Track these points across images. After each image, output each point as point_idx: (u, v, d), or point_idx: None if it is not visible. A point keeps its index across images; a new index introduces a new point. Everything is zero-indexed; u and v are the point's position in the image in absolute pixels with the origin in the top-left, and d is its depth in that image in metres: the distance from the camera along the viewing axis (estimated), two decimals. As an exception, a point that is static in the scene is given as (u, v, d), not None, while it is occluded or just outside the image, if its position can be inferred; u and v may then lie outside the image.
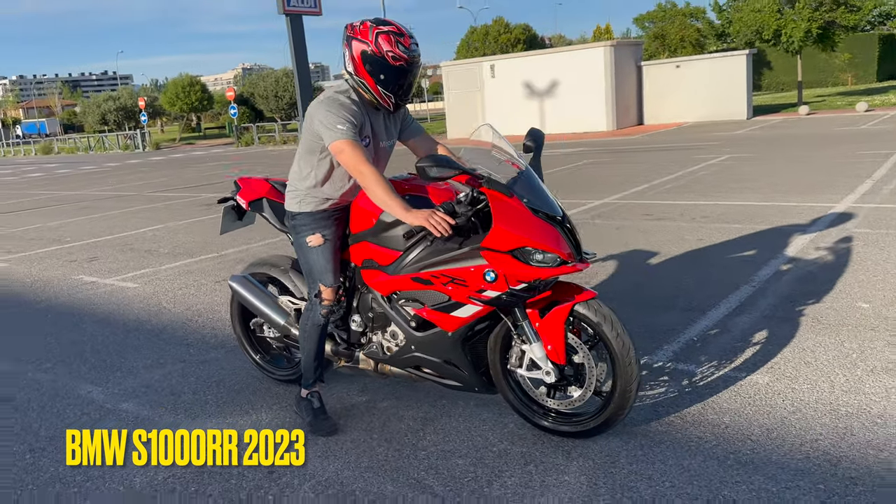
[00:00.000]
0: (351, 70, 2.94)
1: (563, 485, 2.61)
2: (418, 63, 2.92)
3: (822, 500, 2.40)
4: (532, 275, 2.67)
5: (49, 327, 5.26)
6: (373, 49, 2.85)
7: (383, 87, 2.90)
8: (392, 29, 2.86)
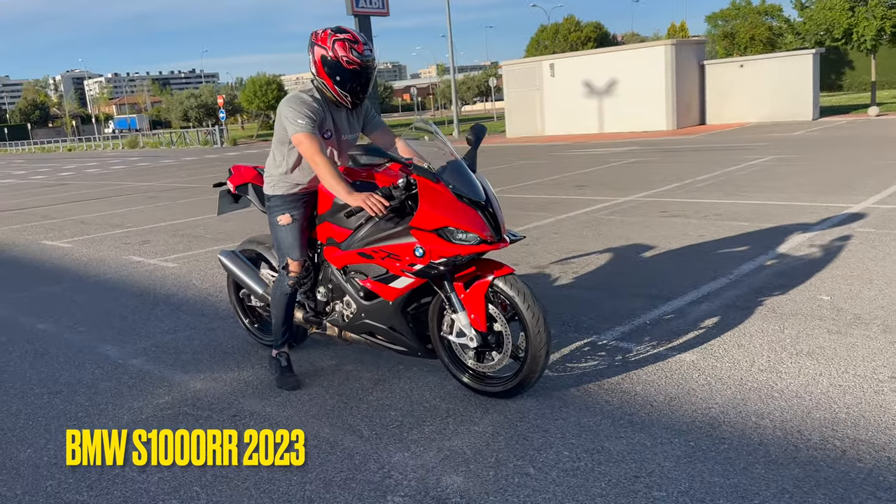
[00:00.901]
0: (314, 72, 3.41)
1: (472, 433, 3.01)
2: (371, 67, 3.36)
3: (686, 453, 2.72)
4: (453, 251, 3.07)
5: (90, 298, 5.97)
6: (331, 54, 3.31)
7: (340, 88, 3.35)
8: (347, 37, 3.32)
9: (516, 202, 9.78)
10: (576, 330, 4.22)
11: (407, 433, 3.05)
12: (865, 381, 3.24)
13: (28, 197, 17.01)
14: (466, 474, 2.68)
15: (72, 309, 5.62)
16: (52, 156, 49.64)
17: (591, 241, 6.79)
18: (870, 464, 2.56)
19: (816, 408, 3.03)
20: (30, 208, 14.15)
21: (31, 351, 4.57)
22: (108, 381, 3.92)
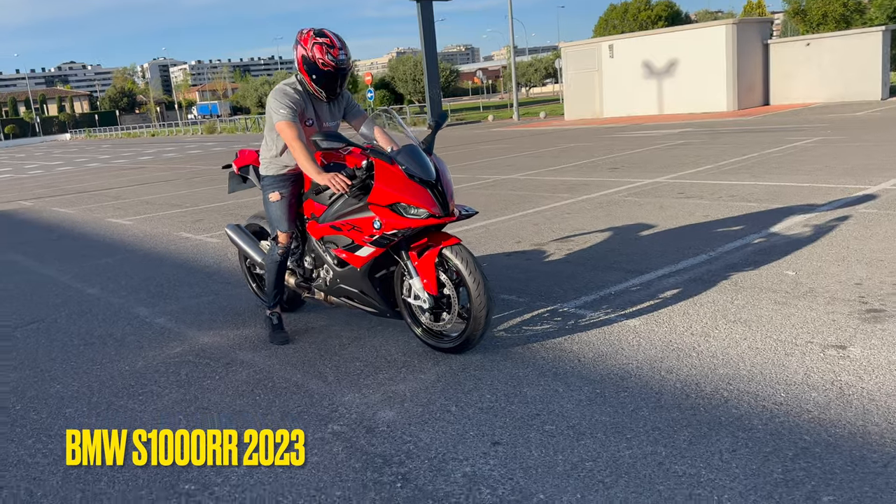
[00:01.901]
0: (296, 67, 3.93)
1: (417, 380, 3.50)
2: (344, 68, 3.85)
3: (588, 398, 3.13)
4: (405, 224, 3.55)
5: (136, 268, 6.73)
6: (310, 55, 3.82)
7: (316, 84, 3.87)
8: (325, 41, 3.81)
9: (547, 184, 10.11)
10: (545, 299, 4.63)
11: (363, 380, 3.56)
12: (782, 345, 3.55)
13: (107, 179, 18.35)
14: (399, 410, 3.17)
15: (118, 277, 6.38)
16: (136, 141, 52.40)
17: (599, 220, 7.11)
18: (744, 410, 2.91)
19: (723, 365, 3.37)
20: (105, 189, 15.35)
21: (77, 311, 5.31)
22: (134, 336, 4.59)
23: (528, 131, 23.53)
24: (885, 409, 2.82)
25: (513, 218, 7.66)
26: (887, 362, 3.25)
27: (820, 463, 2.48)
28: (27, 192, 16.78)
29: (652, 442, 2.71)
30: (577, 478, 2.51)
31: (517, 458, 2.67)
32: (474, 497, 2.44)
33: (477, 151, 17.16)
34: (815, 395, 2.99)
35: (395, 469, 2.67)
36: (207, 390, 3.58)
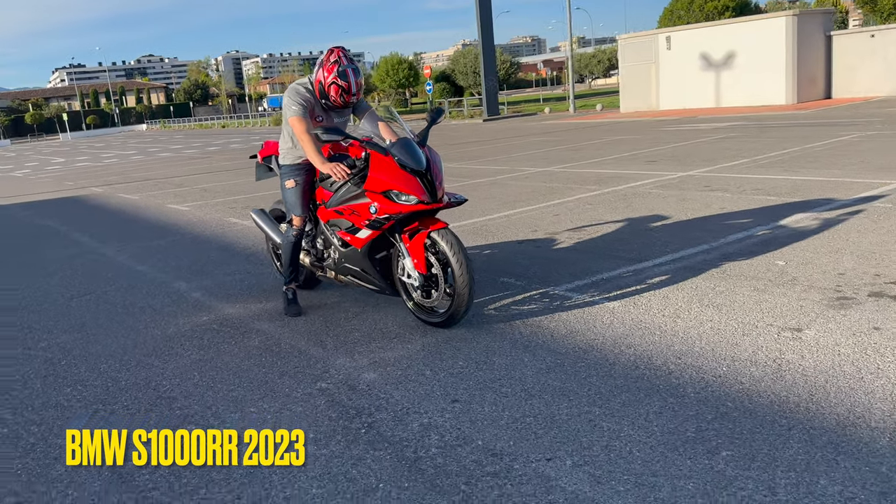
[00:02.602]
0: (314, 80, 4.34)
1: (404, 349, 3.91)
2: (350, 106, 4.30)
3: (548, 367, 3.48)
4: (396, 209, 3.96)
5: (185, 249, 7.36)
6: (326, 88, 4.24)
7: (327, 100, 4.30)
8: (344, 85, 4.21)
9: (580, 176, 10.35)
10: (540, 282, 4.97)
11: (357, 347, 4.00)
12: (743, 327, 3.82)
13: (174, 168, 19.39)
14: (381, 373, 3.59)
15: (167, 257, 7.01)
16: (207, 132, 54.40)
17: (617, 212, 7.36)
18: (683, 381, 3.22)
19: (680, 343, 3.67)
20: (170, 178, 16.30)
21: (126, 285, 5.94)
22: (170, 307, 5.16)
23: (581, 124, 23.59)
24: (813, 383, 3.08)
25: (537, 208, 7.97)
26: (833, 344, 3.48)
27: (732, 425, 2.78)
28: (99, 179, 17.93)
29: (589, 403, 3.05)
30: (515, 429, 2.88)
31: (469, 413, 3.06)
32: (423, 442, 2.84)
33: (523, 144, 17.42)
34: (754, 370, 3.27)
35: (364, 419, 3.09)
36: (223, 353, 4.08)
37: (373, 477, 2.61)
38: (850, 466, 2.43)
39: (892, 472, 2.38)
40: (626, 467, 2.54)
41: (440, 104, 39.67)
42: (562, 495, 2.40)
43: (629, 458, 2.60)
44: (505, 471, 2.58)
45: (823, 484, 2.35)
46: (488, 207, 8.29)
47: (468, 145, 18.56)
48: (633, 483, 2.44)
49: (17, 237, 9.54)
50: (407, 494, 2.48)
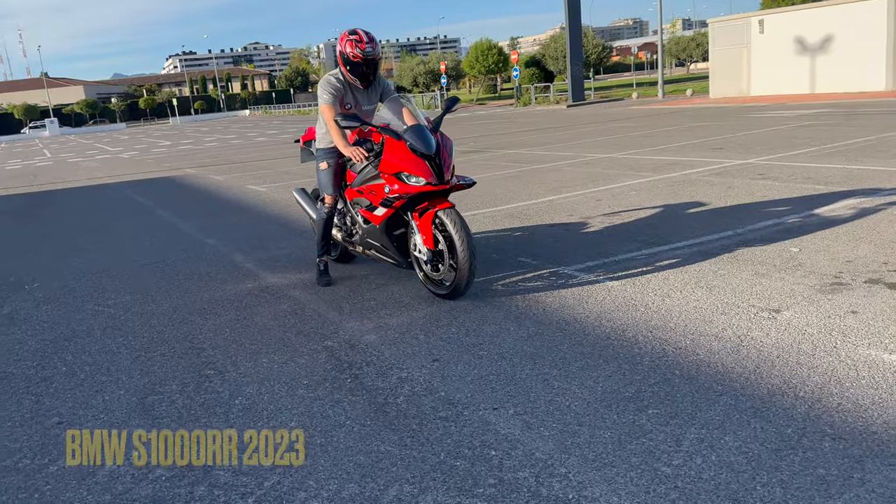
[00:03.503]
0: (337, 62, 4.84)
1: (409, 316, 4.33)
2: (372, 59, 4.71)
3: (528, 335, 3.82)
4: (406, 189, 4.38)
5: (253, 225, 8.05)
6: (344, 51, 4.72)
7: (351, 73, 4.76)
8: (355, 38, 4.69)
9: (638, 163, 10.43)
10: (553, 262, 5.27)
11: (368, 313, 4.46)
12: (725, 307, 4.02)
13: (265, 152, 20.51)
14: (381, 335, 4.03)
15: (235, 232, 7.71)
16: (304, 118, 56.41)
17: (659, 198, 7.50)
18: (644, 351, 3.49)
19: (658, 318, 3.92)
20: (258, 161, 17.32)
21: (193, 255, 6.64)
22: (224, 275, 5.78)
23: (665, 110, 23.19)
24: (765, 357, 3.29)
25: (582, 194, 8.20)
26: (804, 324, 3.66)
27: (669, 388, 3.06)
28: (195, 161, 19.23)
29: (550, 366, 3.39)
30: (477, 385, 3.25)
31: (443, 370, 3.46)
32: (395, 391, 3.26)
33: (597, 130, 17.41)
34: (715, 344, 3.50)
35: (353, 371, 3.55)
36: (254, 314, 4.63)
37: (344, 416, 3.06)
38: (759, 427, 2.68)
39: (795, 434, 2.61)
40: (559, 417, 2.87)
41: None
42: (493, 436, 2.77)
43: (564, 411, 2.93)
44: (454, 416, 2.97)
45: (727, 440, 2.61)
46: (536, 192, 8.57)
47: (542, 132, 18.70)
48: (559, 430, 2.78)
49: (112, 212, 10.58)
50: (367, 430, 2.91)
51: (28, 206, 12.43)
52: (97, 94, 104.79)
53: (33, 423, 3.24)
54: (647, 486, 2.36)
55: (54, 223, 9.91)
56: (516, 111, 33.45)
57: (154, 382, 3.61)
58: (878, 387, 2.91)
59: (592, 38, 52.24)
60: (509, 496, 2.37)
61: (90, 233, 8.70)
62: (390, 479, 2.53)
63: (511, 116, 28.81)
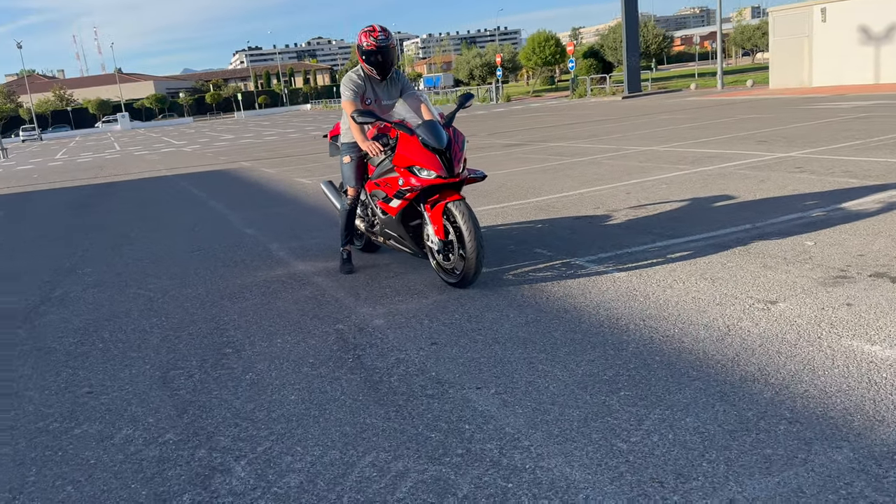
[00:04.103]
0: (357, 57, 5.10)
1: (419, 303, 4.56)
2: (385, 48, 4.95)
3: (525, 322, 4.00)
4: (418, 182, 4.61)
5: (293, 217, 8.41)
6: (359, 42, 4.98)
7: (367, 63, 5.02)
8: (369, 29, 4.95)
9: (678, 156, 10.40)
10: (567, 253, 5.42)
11: (383, 300, 4.71)
12: (722, 297, 4.11)
13: (318, 145, 21.04)
14: (389, 320, 4.28)
15: (275, 223, 8.09)
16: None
17: (689, 191, 7.53)
18: (632, 338, 3.63)
19: (654, 307, 4.04)
20: (308, 154, 17.81)
21: (232, 244, 7.03)
22: (257, 262, 6.13)
23: (721, 101, 22.74)
24: (747, 346, 3.40)
25: (614, 187, 8.27)
26: (795, 315, 3.73)
27: (646, 372, 3.20)
28: (252, 155, 19.89)
29: (539, 351, 3.57)
30: (466, 366, 3.46)
31: (439, 353, 3.67)
32: (391, 371, 3.50)
33: (646, 122, 17.25)
34: (703, 332, 3.62)
35: (356, 352, 3.80)
36: (278, 298, 4.94)
37: (339, 391, 3.31)
38: (722, 410, 2.81)
39: (755, 417, 2.73)
40: (535, 397, 3.06)
41: (579, 79, 39.22)
42: (471, 412, 2.97)
43: (542, 391, 3.11)
44: (440, 394, 3.18)
45: (687, 421, 2.75)
46: (569, 185, 8.68)
47: (590, 124, 18.64)
48: (532, 408, 2.96)
49: (167, 203, 11.14)
50: (357, 404, 3.16)
51: (90, 197, 13.17)
52: (166, 89, 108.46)
53: (66, 392, 3.61)
54: (600, 460, 2.53)
55: (111, 214, 10.52)
56: (570, 103, 33.23)
57: (178, 359, 3.94)
58: (848, 375, 2.99)
59: (653, 28, 51.32)
60: (472, 464, 2.58)
61: (143, 223, 9.24)
62: (369, 447, 2.77)
63: (563, 109, 28.68)
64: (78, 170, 21.20)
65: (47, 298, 5.56)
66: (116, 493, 2.60)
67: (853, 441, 2.49)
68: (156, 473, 2.72)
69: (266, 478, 2.62)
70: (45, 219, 10.76)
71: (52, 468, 2.83)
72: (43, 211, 11.85)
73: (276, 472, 2.65)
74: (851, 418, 2.65)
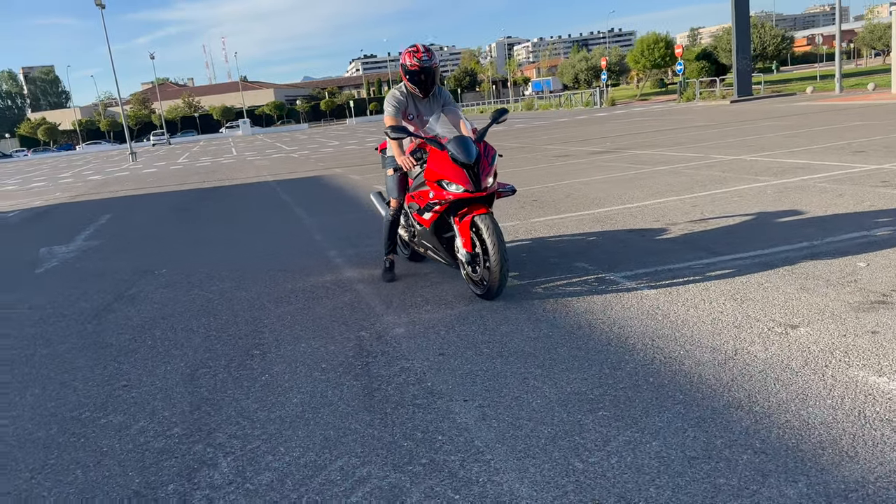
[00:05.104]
0: (401, 74, 5.31)
1: (444, 313, 4.69)
2: (428, 68, 5.12)
3: (538, 336, 4.05)
4: (447, 195, 4.75)
5: (357, 224, 8.74)
6: (403, 62, 5.19)
7: (411, 82, 5.21)
8: (413, 49, 5.14)
9: (765, 166, 9.99)
10: (604, 268, 5.39)
11: (410, 309, 4.87)
12: (743, 319, 4.00)
13: (408, 152, 21.48)
14: (409, 329, 4.44)
15: (342, 229, 8.44)
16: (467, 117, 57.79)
17: (759, 205, 7.25)
18: (634, 355, 3.61)
19: (671, 328, 3.98)
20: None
21: (299, 250, 7.41)
22: (312, 268, 6.45)
23: (834, 106, 21.44)
24: (748, 371, 3.32)
25: (682, 199, 8.07)
26: (812, 342, 3.59)
27: (633, 393, 3.20)
28: (346, 161, 20.62)
29: (537, 366, 3.62)
30: (462, 378, 3.56)
31: (443, 364, 3.79)
32: (391, 379, 3.66)
33: (744, 129, 16.55)
34: (707, 356, 3.55)
35: (367, 359, 3.98)
36: (318, 304, 5.21)
37: (338, 397, 3.50)
38: (692, 436, 2.78)
39: (723, 445, 2.69)
40: (514, 412, 3.13)
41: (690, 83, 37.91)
42: (448, 424, 3.08)
43: (523, 407, 3.17)
44: (427, 404, 3.31)
45: (653, 444, 2.74)
46: (637, 196, 8.55)
47: (686, 130, 18.07)
48: (508, 423, 3.03)
49: (257, 208, 11.80)
50: (349, 410, 3.33)
51: (193, 201, 14.12)
52: (285, 96, 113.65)
53: (106, 384, 3.99)
54: (551, 478, 2.58)
55: (204, 218, 11.26)
56: (675, 108, 32.26)
57: (210, 358, 4.26)
58: (838, 407, 2.88)
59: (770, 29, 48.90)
60: (430, 474, 2.69)
61: (228, 226, 9.85)
62: (343, 451, 2.93)
63: (666, 113, 27.89)
64: (193, 173, 22.69)
65: (121, 296, 6.10)
66: (115, 480, 2.89)
67: (813, 476, 2.42)
68: (153, 464, 3.00)
69: (244, 474, 2.83)
70: (145, 221, 11.67)
71: (71, 453, 3.17)
72: (147, 213, 12.84)
73: (254, 470, 2.86)
74: (822, 452, 2.56)
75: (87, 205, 15.80)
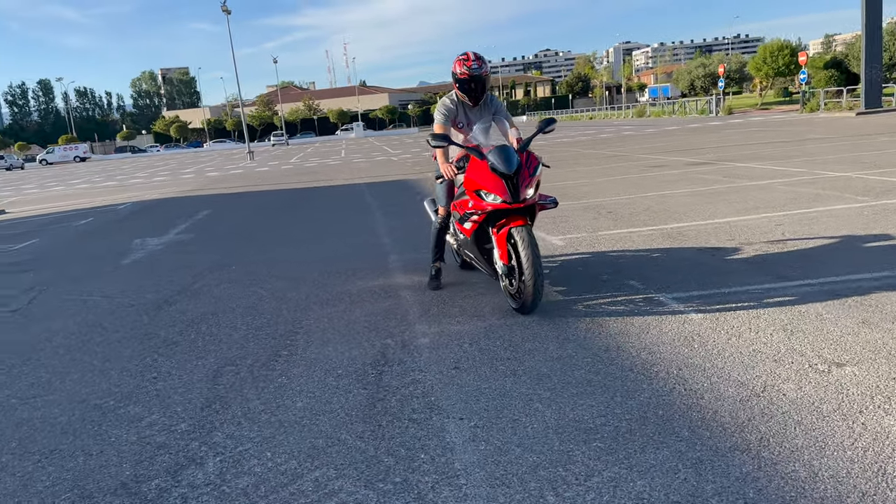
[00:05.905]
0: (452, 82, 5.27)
1: (475, 326, 4.60)
2: (478, 77, 5.05)
3: (559, 357, 3.89)
4: (484, 206, 4.66)
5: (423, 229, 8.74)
6: (454, 70, 5.14)
7: (461, 90, 5.15)
8: (463, 57, 5.08)
9: (869, 185, 9.23)
10: (656, 288, 5.12)
11: (443, 318, 4.80)
12: (786, 353, 3.68)
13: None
14: (433, 339, 4.37)
15: (408, 233, 8.48)
16: (574, 123, 56.97)
17: (848, 228, 6.70)
18: (653, 385, 3.40)
19: (704, 358, 3.72)
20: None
21: (364, 254, 7.51)
22: (367, 271, 6.51)
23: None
24: (770, 412, 3.04)
25: (768, 217, 7.58)
26: (852, 384, 3.26)
27: (636, 425, 3.00)
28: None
29: (547, 389, 3.47)
30: (467, 395, 3.47)
31: (453, 378, 3.71)
32: (398, 391, 3.61)
33: (860, 144, 15.34)
34: (731, 391, 3.29)
35: (384, 367, 3.95)
36: (359, 308, 5.24)
37: (340, 404, 3.49)
38: (682, 478, 2.57)
39: (712, 492, 2.47)
40: (506, 436, 3.00)
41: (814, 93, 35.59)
42: (436, 442, 3.00)
43: (517, 431, 3.04)
44: (423, 419, 3.24)
45: (638, 484, 2.56)
46: (720, 212, 8.10)
47: (799, 143, 16.97)
48: (496, 447, 2.92)
49: (343, 210, 12.06)
50: (346, 419, 3.31)
51: (287, 201, 14.64)
52: (399, 101, 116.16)
53: (138, 375, 4.17)
54: (517, 510, 2.45)
55: (290, 218, 11.63)
56: (796, 118, 30.43)
57: (239, 356, 4.37)
58: (857, 460, 2.58)
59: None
60: (399, 494, 2.62)
61: (307, 225, 10.13)
62: (324, 462, 2.91)
63: (784, 124, 26.35)
64: (300, 173, 23.56)
65: (185, 290, 6.38)
66: (108, 470, 3.00)
67: (800, 538, 2.17)
68: (148, 457, 3.09)
69: (224, 476, 2.87)
70: (238, 218, 12.19)
71: (84, 439, 3.33)
72: (242, 211, 13.42)
73: (235, 473, 2.89)
74: (820, 511, 2.30)
75: (194, 199, 16.72)
